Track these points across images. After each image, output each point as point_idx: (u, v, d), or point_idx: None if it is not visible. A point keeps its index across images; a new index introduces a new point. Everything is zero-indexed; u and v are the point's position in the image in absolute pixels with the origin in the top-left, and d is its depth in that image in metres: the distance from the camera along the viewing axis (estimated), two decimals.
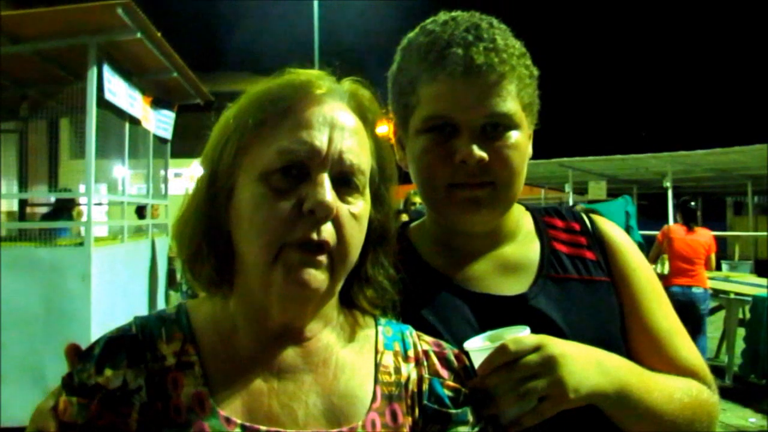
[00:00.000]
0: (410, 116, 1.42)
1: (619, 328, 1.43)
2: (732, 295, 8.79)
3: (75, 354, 1.10)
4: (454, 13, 1.43)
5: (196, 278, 1.12)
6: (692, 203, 8.97)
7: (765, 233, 20.25)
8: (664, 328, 1.44)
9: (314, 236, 1.00)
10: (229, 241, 1.09)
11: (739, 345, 8.45)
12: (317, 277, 1.02)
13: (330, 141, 1.04)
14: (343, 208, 1.04)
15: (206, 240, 1.10)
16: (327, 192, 1.01)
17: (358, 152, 1.08)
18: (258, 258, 1.03)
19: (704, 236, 8.70)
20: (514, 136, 1.37)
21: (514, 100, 1.36)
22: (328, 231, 1.02)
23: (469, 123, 1.34)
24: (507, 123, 1.36)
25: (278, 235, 1.01)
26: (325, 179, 1.02)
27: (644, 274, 1.49)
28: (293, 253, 1.01)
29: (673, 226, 8.99)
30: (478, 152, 1.32)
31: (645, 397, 1.27)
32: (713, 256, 8.77)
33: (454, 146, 1.34)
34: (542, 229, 1.53)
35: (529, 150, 1.48)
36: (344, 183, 1.06)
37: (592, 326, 1.38)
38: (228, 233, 1.09)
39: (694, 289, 8.24)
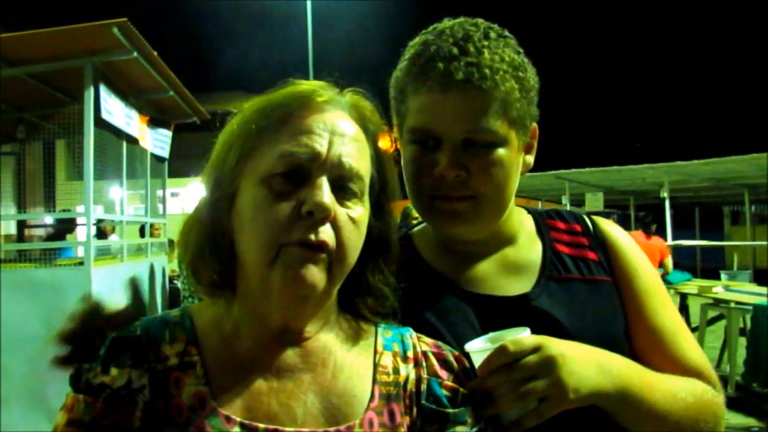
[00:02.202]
0: (402, 125, 1.44)
1: (623, 328, 1.44)
2: (732, 305, 8.77)
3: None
4: (457, 20, 1.42)
5: (199, 281, 1.14)
6: (648, 218, 10.93)
7: (763, 242, 20.26)
8: (668, 328, 1.44)
9: (312, 237, 1.02)
10: (231, 245, 1.11)
11: (741, 354, 8.43)
12: (315, 274, 1.03)
13: (330, 145, 1.07)
14: (341, 212, 1.06)
15: (209, 244, 1.12)
16: (325, 194, 1.03)
17: (357, 158, 1.10)
18: (258, 258, 1.05)
19: (658, 243, 10.39)
20: (497, 152, 1.35)
21: (497, 115, 1.34)
22: (326, 232, 1.04)
23: (450, 137, 1.34)
24: (489, 139, 1.34)
25: (277, 236, 1.03)
26: (324, 182, 1.05)
27: (646, 274, 1.49)
28: (292, 251, 1.02)
29: (634, 233, 10.19)
30: (455, 169, 1.33)
31: (648, 397, 1.27)
32: (667, 261, 10.35)
33: (435, 158, 1.35)
34: (544, 231, 1.54)
35: (528, 160, 1.49)
36: (343, 188, 1.08)
37: (595, 326, 1.38)
38: (230, 238, 1.11)
39: None
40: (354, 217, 1.08)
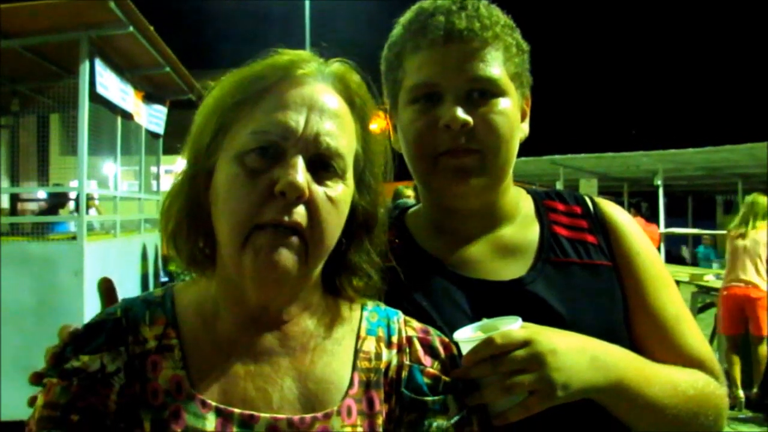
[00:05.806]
0: (399, 91, 1.42)
1: (622, 315, 1.39)
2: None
3: (67, 335, 1.12)
4: None
5: (178, 254, 1.12)
6: (640, 203, 11.24)
7: None
8: (670, 314, 1.38)
9: (285, 218, 0.99)
10: (209, 222, 1.09)
11: None
12: (288, 258, 1.00)
13: (306, 122, 1.03)
14: (317, 191, 1.02)
15: (187, 220, 1.10)
16: (299, 173, 0.99)
17: (337, 135, 1.05)
18: (230, 240, 1.02)
19: (653, 231, 10.54)
20: (500, 103, 1.35)
21: (500, 66, 1.35)
22: (299, 213, 1.00)
23: (453, 88, 1.33)
24: (492, 89, 1.34)
25: (249, 216, 0.99)
26: (299, 160, 1.00)
27: (648, 258, 1.44)
28: (263, 235, 0.99)
29: (635, 219, 10.09)
30: (462, 116, 1.30)
31: (645, 391, 1.23)
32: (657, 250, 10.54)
33: (439, 113, 1.33)
34: (542, 212, 1.49)
35: (524, 128, 1.47)
36: (321, 166, 1.04)
37: (593, 312, 1.34)
38: (208, 214, 1.09)
39: None
40: (332, 197, 1.04)
